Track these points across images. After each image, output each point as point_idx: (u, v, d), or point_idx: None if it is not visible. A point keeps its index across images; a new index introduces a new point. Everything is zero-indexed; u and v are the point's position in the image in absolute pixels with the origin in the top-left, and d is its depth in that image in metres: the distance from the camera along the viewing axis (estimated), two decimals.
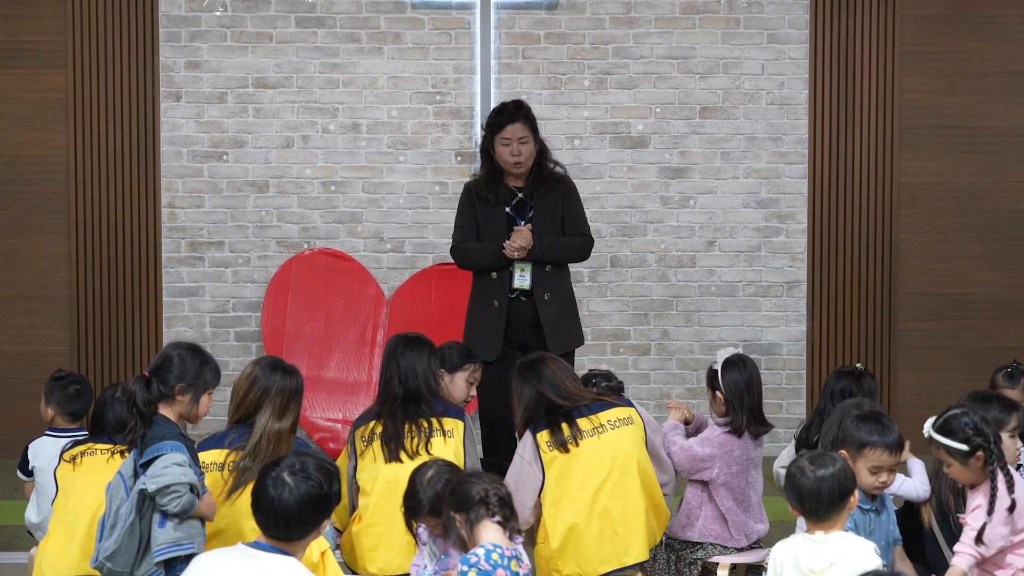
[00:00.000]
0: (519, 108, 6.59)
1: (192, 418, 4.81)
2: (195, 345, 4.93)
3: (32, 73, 8.62)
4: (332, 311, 8.62)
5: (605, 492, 5.33)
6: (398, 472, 5.30)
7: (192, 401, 4.77)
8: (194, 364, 4.78)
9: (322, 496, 4.00)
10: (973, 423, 4.70)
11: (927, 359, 8.86)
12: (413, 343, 5.59)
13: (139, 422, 4.67)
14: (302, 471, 4.00)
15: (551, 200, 6.62)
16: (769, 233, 8.77)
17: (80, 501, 5.09)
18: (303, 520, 3.97)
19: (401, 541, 5.27)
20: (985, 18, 8.79)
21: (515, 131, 6.52)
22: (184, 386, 4.75)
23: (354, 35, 8.68)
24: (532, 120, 6.58)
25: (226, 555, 4.01)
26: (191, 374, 4.75)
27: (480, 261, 6.61)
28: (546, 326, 6.53)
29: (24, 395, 8.50)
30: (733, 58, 8.72)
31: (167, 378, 4.74)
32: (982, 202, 8.84)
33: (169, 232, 8.69)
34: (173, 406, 4.76)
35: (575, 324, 6.68)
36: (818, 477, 4.24)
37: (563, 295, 6.64)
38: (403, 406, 5.44)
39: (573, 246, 6.62)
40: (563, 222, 6.64)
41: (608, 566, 5.33)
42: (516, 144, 6.52)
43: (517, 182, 6.65)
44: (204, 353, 4.85)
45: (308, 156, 8.70)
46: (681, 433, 5.75)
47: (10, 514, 7.04)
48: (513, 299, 6.57)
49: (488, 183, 6.63)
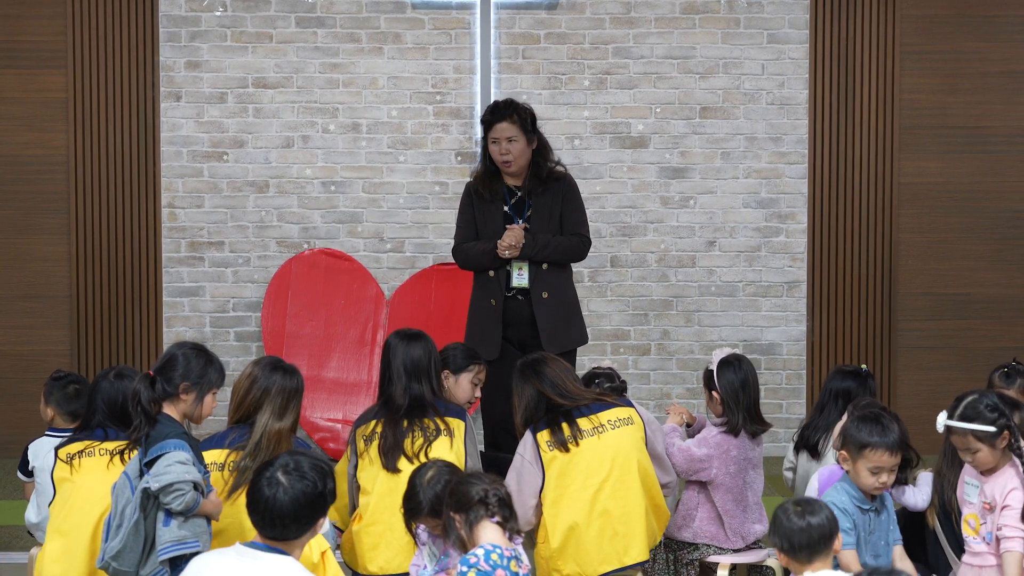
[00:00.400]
0: (508, 107, 6.57)
1: (196, 417, 4.82)
2: (199, 345, 4.95)
3: (32, 73, 8.62)
4: (332, 311, 8.62)
5: (605, 492, 5.33)
6: (398, 473, 5.31)
7: (196, 400, 4.79)
8: (199, 363, 4.80)
9: (317, 495, 4.00)
10: (993, 404, 4.78)
11: (927, 359, 8.86)
12: (412, 339, 5.58)
13: (143, 421, 4.69)
14: (296, 470, 4.00)
15: (549, 199, 6.61)
16: (769, 233, 8.77)
17: (79, 508, 5.03)
18: (298, 519, 3.98)
19: (401, 540, 5.27)
20: (985, 18, 8.79)
21: (503, 130, 6.52)
22: (188, 385, 4.77)
23: (354, 35, 8.69)
24: (524, 119, 6.55)
25: (223, 555, 4.01)
26: (196, 373, 4.78)
27: (477, 261, 6.61)
28: (541, 324, 6.52)
29: (24, 395, 8.50)
30: (733, 58, 8.72)
31: (172, 377, 4.76)
32: (982, 202, 8.84)
33: (169, 232, 8.69)
34: (177, 405, 4.78)
35: (575, 323, 6.66)
36: (808, 524, 4.18)
37: (562, 294, 6.62)
38: (407, 414, 5.44)
39: (569, 246, 6.60)
40: (561, 221, 6.63)
41: (608, 566, 5.33)
42: (504, 143, 6.52)
43: (516, 181, 6.65)
44: (208, 353, 4.88)
45: (308, 156, 8.70)
46: (680, 435, 5.76)
47: (10, 514, 7.04)
48: (510, 298, 6.57)
49: (485, 180, 6.64)
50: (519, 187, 6.65)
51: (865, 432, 4.82)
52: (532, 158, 6.61)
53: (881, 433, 4.81)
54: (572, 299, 6.68)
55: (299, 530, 4.00)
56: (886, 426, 4.84)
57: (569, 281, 6.71)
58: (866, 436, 4.81)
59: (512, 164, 6.55)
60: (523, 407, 5.47)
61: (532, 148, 6.60)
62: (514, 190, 6.65)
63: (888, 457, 4.81)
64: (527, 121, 6.56)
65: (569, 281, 6.71)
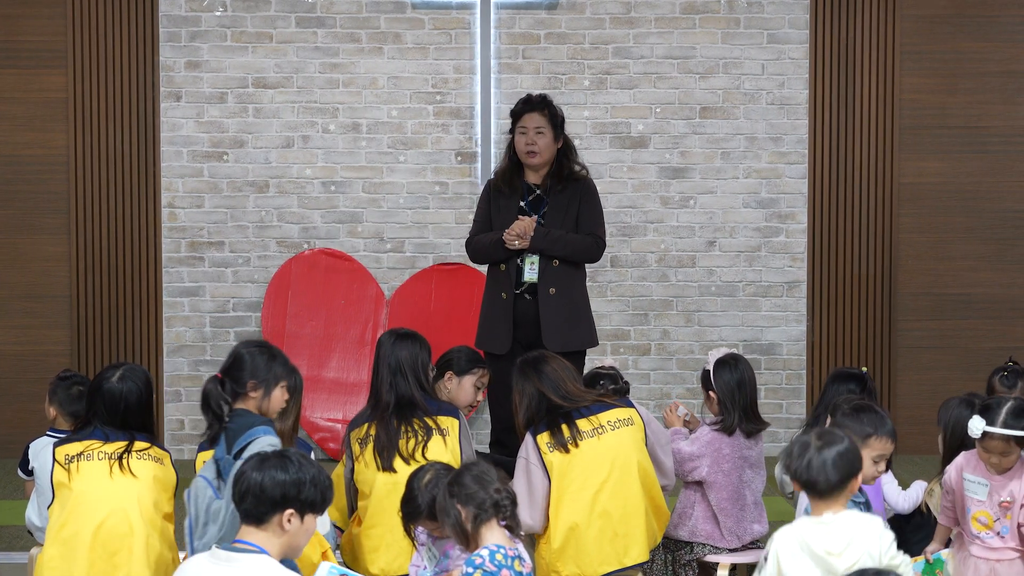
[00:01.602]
0: (542, 100, 6.69)
1: (266, 411, 4.89)
2: (263, 341, 5.10)
3: (32, 73, 8.62)
4: (332, 311, 8.62)
5: (605, 493, 5.33)
6: (395, 474, 5.31)
7: (264, 395, 4.87)
8: (263, 359, 4.89)
9: (290, 483, 4.04)
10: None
11: (927, 359, 8.86)
12: (403, 339, 5.57)
13: (214, 421, 4.79)
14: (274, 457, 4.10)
15: (567, 198, 6.64)
16: (769, 233, 8.78)
17: (77, 514, 4.99)
18: (262, 501, 4.04)
19: (402, 542, 5.27)
20: (985, 18, 8.80)
21: (533, 120, 6.61)
22: (256, 382, 4.86)
23: (354, 35, 8.69)
24: (554, 115, 6.66)
25: (198, 561, 4.05)
26: (262, 370, 4.87)
27: (486, 252, 6.65)
28: (544, 321, 6.52)
29: (24, 395, 8.51)
30: (733, 58, 8.72)
31: (240, 376, 4.85)
32: (982, 202, 8.84)
33: (169, 232, 8.69)
34: (247, 403, 4.86)
35: (582, 325, 6.64)
36: (829, 453, 4.21)
37: (571, 294, 6.61)
38: (396, 412, 5.44)
39: (581, 243, 6.61)
40: (578, 221, 6.64)
41: (608, 567, 5.33)
42: (532, 133, 6.60)
43: (536, 177, 6.69)
44: (272, 348, 4.98)
45: (308, 156, 8.70)
46: (683, 436, 5.77)
47: (10, 514, 7.04)
48: (519, 295, 6.59)
49: (505, 174, 6.70)
50: (538, 184, 6.68)
51: (867, 423, 4.90)
52: (556, 157, 6.66)
53: (881, 422, 4.92)
54: (581, 300, 6.67)
55: (262, 511, 4.03)
56: (882, 415, 4.96)
57: (580, 282, 6.69)
58: (869, 427, 4.89)
59: (537, 155, 6.60)
60: (524, 407, 5.46)
61: (558, 146, 6.66)
62: (533, 187, 6.68)
63: (889, 444, 4.91)
64: (557, 117, 6.67)
65: (580, 282, 6.69)
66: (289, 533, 4.06)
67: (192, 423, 8.64)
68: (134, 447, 5.07)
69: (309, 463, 4.13)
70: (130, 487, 5.01)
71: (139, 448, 5.09)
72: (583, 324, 6.65)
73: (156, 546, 5.00)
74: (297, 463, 4.09)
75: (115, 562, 4.95)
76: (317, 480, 4.10)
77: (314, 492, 4.08)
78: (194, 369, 8.69)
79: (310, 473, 4.09)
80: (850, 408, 4.98)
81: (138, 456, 5.07)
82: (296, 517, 4.05)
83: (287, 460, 4.09)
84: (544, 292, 6.54)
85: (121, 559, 4.96)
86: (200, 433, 5.93)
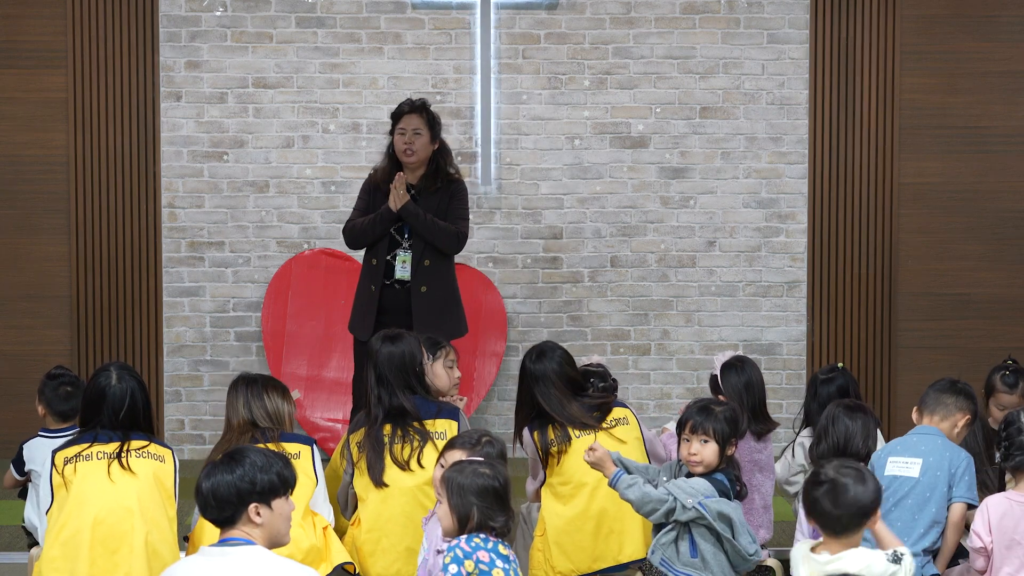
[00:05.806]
0: (421, 104, 7.03)
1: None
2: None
3: (32, 73, 8.62)
4: (332, 311, 8.61)
5: (600, 490, 5.34)
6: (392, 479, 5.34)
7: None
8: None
9: (240, 480, 4.05)
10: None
11: (927, 359, 8.85)
12: (387, 343, 5.58)
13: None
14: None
15: (438, 198, 6.98)
16: (769, 233, 8.78)
17: (76, 515, 5.00)
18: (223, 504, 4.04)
19: (399, 547, 5.30)
20: (985, 18, 8.79)
21: (411, 122, 6.97)
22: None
23: (354, 35, 8.69)
24: (432, 119, 7.01)
25: (188, 559, 4.06)
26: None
27: (363, 232, 6.95)
28: (416, 317, 6.83)
29: (24, 395, 8.50)
30: (733, 58, 8.72)
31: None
32: (982, 202, 8.84)
33: (169, 232, 8.69)
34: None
35: (453, 317, 6.97)
36: (857, 492, 4.08)
37: (443, 290, 6.96)
38: (388, 421, 5.43)
39: (444, 229, 6.92)
40: (446, 217, 6.97)
41: (602, 563, 5.36)
42: (410, 134, 6.95)
43: (412, 177, 7.02)
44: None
45: (308, 156, 8.70)
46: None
47: (10, 514, 7.05)
48: (388, 286, 6.93)
49: (384, 172, 7.05)
50: (414, 184, 7.00)
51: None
52: (433, 158, 7.01)
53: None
54: (451, 293, 7.02)
55: (231, 511, 4.04)
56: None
57: (450, 275, 7.04)
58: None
59: (413, 155, 6.95)
60: (523, 415, 5.57)
61: (434, 148, 6.99)
62: (409, 187, 6.97)
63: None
64: (435, 121, 7.02)
65: (450, 275, 7.04)
66: (265, 524, 4.06)
67: (192, 423, 8.64)
68: (131, 445, 5.07)
69: (255, 452, 4.12)
70: (130, 485, 5.01)
71: (137, 446, 5.09)
72: (451, 315, 6.96)
73: (157, 543, 5.00)
74: (241, 458, 4.08)
75: (116, 560, 4.96)
76: (267, 466, 4.07)
77: (267, 479, 4.06)
78: (194, 369, 8.69)
79: (258, 462, 4.07)
80: (845, 408, 5.11)
81: (137, 454, 5.07)
82: (263, 507, 4.05)
83: (232, 460, 4.09)
84: (416, 290, 6.88)
85: (122, 557, 4.96)
86: (200, 433, 5.95)
